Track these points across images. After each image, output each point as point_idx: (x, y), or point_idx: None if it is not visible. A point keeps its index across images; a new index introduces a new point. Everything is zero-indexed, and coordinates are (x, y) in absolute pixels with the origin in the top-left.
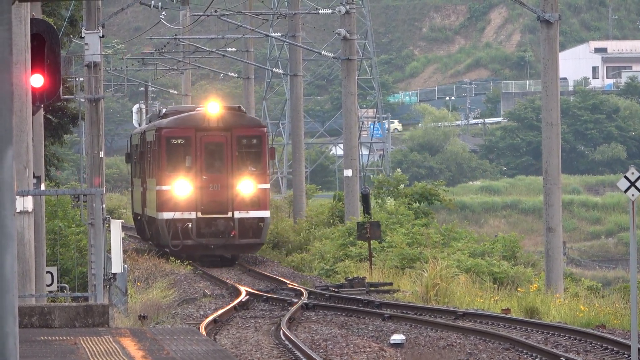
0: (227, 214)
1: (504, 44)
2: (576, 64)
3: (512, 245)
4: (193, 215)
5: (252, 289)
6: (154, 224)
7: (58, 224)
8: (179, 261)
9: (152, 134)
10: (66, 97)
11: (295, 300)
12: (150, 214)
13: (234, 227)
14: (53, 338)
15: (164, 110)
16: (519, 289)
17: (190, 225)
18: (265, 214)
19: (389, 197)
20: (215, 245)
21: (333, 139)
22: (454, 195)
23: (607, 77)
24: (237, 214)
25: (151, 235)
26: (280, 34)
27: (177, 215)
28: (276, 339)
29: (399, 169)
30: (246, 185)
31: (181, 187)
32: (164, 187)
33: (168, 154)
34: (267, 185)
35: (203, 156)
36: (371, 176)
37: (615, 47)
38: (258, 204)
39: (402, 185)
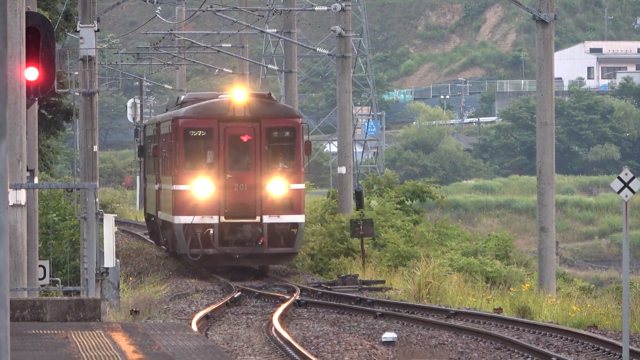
0: (254, 218)
1: (499, 43)
2: (571, 64)
3: (505, 245)
4: (215, 219)
5: (244, 285)
6: (169, 228)
7: (52, 218)
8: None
9: (168, 125)
10: (61, 90)
11: (288, 297)
12: (165, 218)
13: (263, 234)
14: (44, 332)
15: (182, 98)
16: (511, 289)
17: (211, 232)
18: (299, 218)
19: (375, 196)
20: (240, 255)
21: (327, 136)
22: (447, 194)
23: (602, 78)
24: (267, 219)
25: (166, 241)
26: (275, 31)
27: (197, 219)
28: (267, 336)
29: (387, 169)
30: (277, 185)
31: (201, 187)
32: (181, 187)
33: (186, 148)
34: (302, 186)
35: (227, 151)
36: (365, 174)
37: (610, 47)
38: (291, 207)
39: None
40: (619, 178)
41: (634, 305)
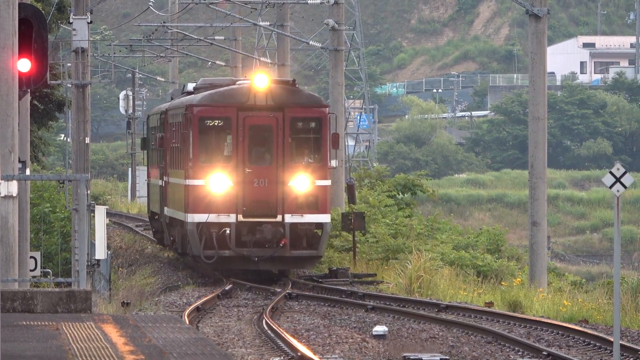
0: (275, 217)
1: (492, 37)
2: (564, 58)
3: (497, 239)
4: (232, 218)
5: (235, 277)
6: (180, 227)
7: (43, 209)
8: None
9: (180, 114)
10: (53, 82)
11: (279, 290)
12: (175, 215)
13: (284, 235)
14: (35, 323)
15: (189, 86)
16: (503, 283)
17: (228, 232)
18: (325, 218)
19: (365, 189)
20: (259, 258)
21: None
22: (439, 188)
23: (594, 73)
24: (289, 218)
25: (173, 240)
26: (268, 23)
27: (212, 218)
28: (259, 328)
29: (375, 163)
30: (301, 181)
31: (218, 183)
32: (195, 182)
33: (201, 139)
34: (328, 182)
35: (247, 143)
36: (357, 167)
37: (603, 42)
38: (315, 206)
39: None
40: (611, 173)
41: (625, 300)
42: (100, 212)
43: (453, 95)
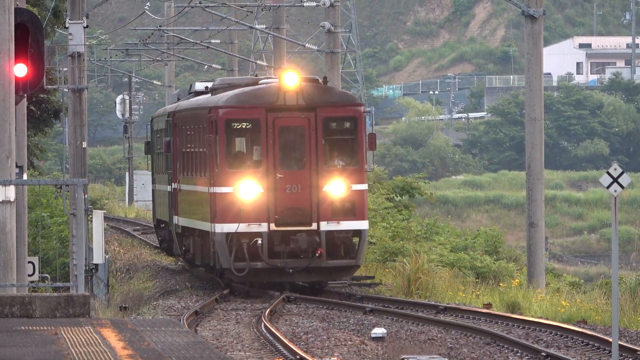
0: (310, 225)
1: (488, 38)
2: (560, 59)
3: (495, 240)
4: (264, 227)
5: (233, 281)
6: (200, 238)
7: (41, 214)
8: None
9: (200, 116)
10: (49, 87)
11: (277, 293)
12: (192, 225)
13: (320, 244)
14: (33, 328)
15: (198, 86)
16: (501, 284)
17: (259, 242)
18: (363, 224)
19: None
20: (294, 270)
21: None
22: (436, 190)
23: (591, 73)
24: (324, 226)
25: (186, 251)
26: (264, 26)
27: (242, 227)
28: (257, 332)
29: (374, 165)
30: (336, 186)
31: (247, 189)
32: (223, 190)
33: (228, 144)
34: (365, 186)
35: (277, 146)
36: None
37: (599, 43)
38: (352, 212)
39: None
40: (608, 173)
41: (623, 300)
42: (97, 217)
43: (450, 97)
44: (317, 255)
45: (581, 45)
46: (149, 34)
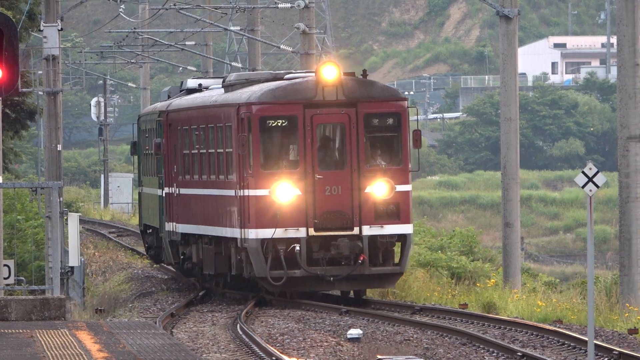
0: (352, 230)
1: (463, 39)
2: (535, 59)
3: (470, 240)
4: (302, 232)
5: (209, 283)
6: (217, 246)
7: (16, 217)
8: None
9: (216, 114)
10: (24, 90)
11: (253, 295)
12: (208, 232)
13: (363, 250)
14: (9, 331)
15: (190, 83)
16: (477, 284)
17: (297, 248)
18: (408, 228)
19: None
20: (335, 278)
21: None
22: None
23: (566, 73)
24: (367, 230)
25: (200, 263)
26: (239, 28)
27: (279, 233)
28: (233, 333)
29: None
30: (380, 187)
31: (283, 192)
32: (258, 192)
33: (263, 143)
34: (409, 187)
35: (315, 144)
36: None
37: (574, 42)
38: (397, 215)
39: None
40: (583, 173)
41: (598, 299)
42: (73, 220)
43: (425, 97)
44: (359, 262)
45: (556, 45)
46: (123, 37)
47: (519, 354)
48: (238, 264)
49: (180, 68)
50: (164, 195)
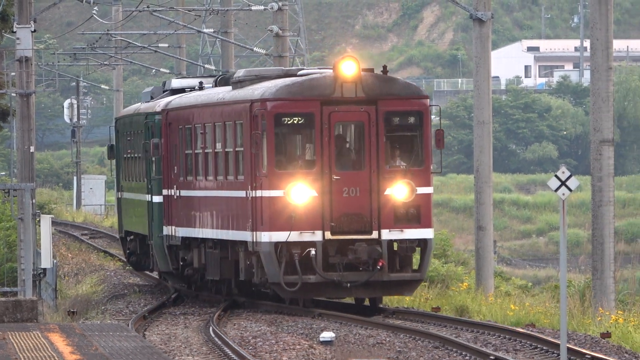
0: (370, 233)
1: (436, 42)
2: (508, 62)
3: (443, 244)
4: (318, 236)
5: (182, 285)
6: (224, 250)
7: None
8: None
9: (223, 112)
10: None
11: (225, 297)
12: (212, 235)
13: (382, 255)
14: None
15: (174, 82)
16: (450, 288)
17: (313, 252)
18: (428, 233)
19: None
20: (352, 284)
21: None
22: None
23: (539, 76)
24: (386, 234)
25: (202, 269)
26: (212, 30)
27: (294, 236)
28: (205, 336)
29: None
30: (400, 189)
31: (299, 193)
32: (271, 193)
33: (278, 141)
34: (431, 189)
35: (333, 143)
36: None
37: (547, 46)
38: (417, 218)
39: None
40: (556, 176)
41: (571, 303)
42: (45, 221)
43: None
44: (378, 267)
45: (529, 49)
46: (96, 38)
47: (492, 357)
48: (247, 269)
49: (154, 70)
50: (161, 199)
